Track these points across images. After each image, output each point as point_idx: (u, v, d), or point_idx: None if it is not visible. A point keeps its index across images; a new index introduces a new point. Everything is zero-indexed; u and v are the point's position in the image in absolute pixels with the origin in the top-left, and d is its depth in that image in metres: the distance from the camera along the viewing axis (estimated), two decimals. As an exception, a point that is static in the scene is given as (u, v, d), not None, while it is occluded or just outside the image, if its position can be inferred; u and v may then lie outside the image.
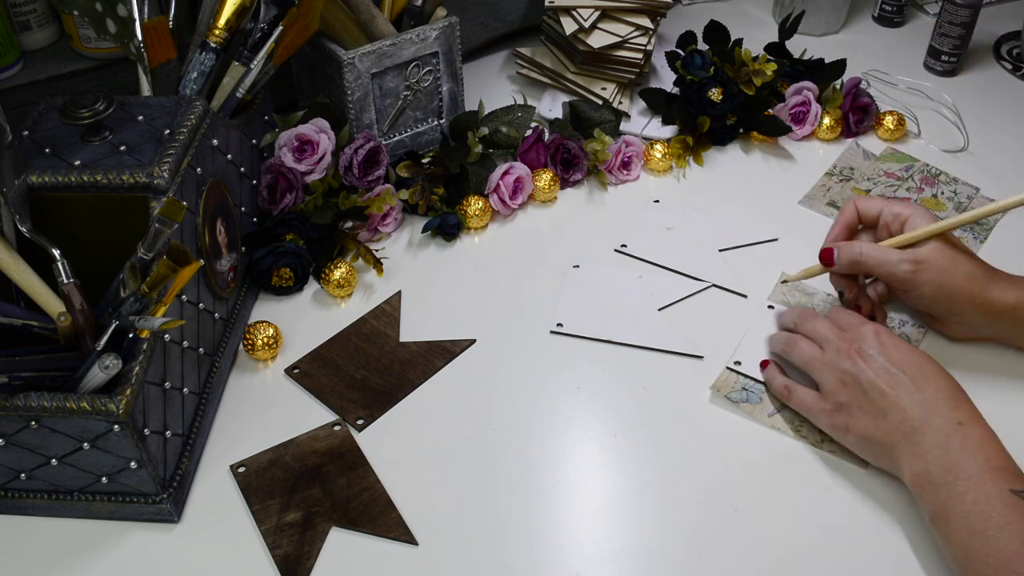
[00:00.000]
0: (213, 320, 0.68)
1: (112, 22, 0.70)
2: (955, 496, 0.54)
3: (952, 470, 0.55)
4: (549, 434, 0.66)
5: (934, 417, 0.58)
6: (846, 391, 0.62)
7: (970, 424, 0.57)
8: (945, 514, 0.55)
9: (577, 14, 0.94)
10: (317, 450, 0.65)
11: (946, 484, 0.55)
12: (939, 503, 0.55)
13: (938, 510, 0.55)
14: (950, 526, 0.54)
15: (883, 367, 0.60)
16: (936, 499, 0.56)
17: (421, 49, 0.84)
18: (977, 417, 0.58)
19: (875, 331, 0.63)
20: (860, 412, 0.61)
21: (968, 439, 0.56)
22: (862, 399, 0.61)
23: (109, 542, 0.59)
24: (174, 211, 0.54)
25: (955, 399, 0.59)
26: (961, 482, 0.54)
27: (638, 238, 0.83)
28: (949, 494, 0.55)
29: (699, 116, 0.92)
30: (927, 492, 0.57)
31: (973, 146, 0.95)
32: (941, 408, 0.58)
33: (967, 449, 0.56)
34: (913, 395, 0.59)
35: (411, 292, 0.78)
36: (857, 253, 0.68)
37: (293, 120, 0.81)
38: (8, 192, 0.57)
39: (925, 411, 0.58)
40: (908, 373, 0.60)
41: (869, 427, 0.60)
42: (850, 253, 0.68)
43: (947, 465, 0.56)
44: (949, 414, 0.58)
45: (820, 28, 1.14)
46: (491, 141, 0.89)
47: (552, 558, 0.58)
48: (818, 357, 0.64)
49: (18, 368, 0.54)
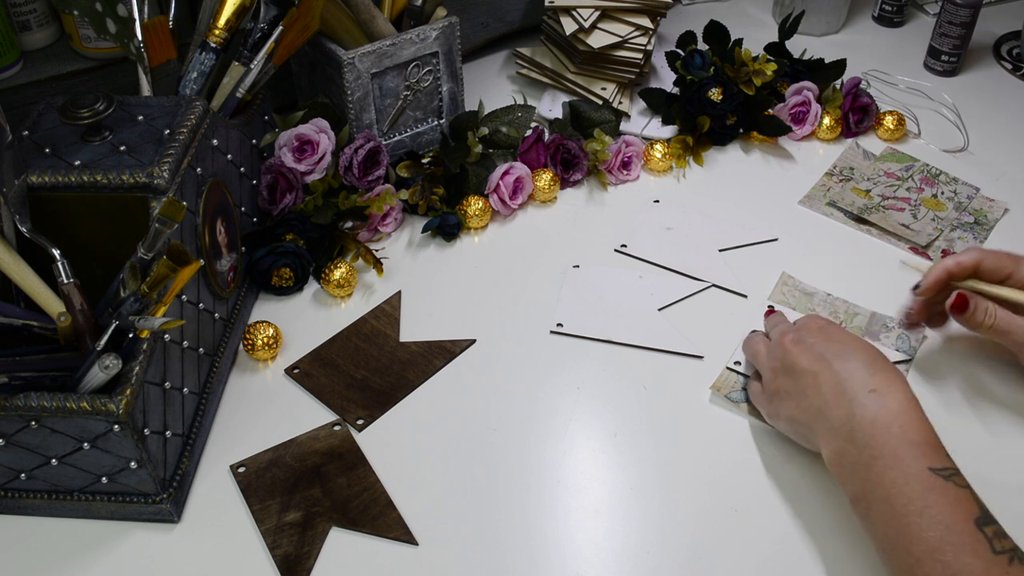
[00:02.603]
0: (213, 320, 0.68)
1: (112, 22, 0.70)
2: (873, 476, 0.52)
3: (868, 446, 0.53)
4: (549, 434, 0.66)
5: (848, 386, 0.55)
6: (778, 379, 0.61)
7: (885, 391, 0.54)
8: (865, 496, 0.52)
9: (577, 14, 0.94)
10: (317, 450, 0.65)
11: (863, 463, 0.53)
12: (857, 483, 0.53)
13: (857, 492, 0.53)
14: (871, 509, 0.52)
15: (810, 348, 0.59)
16: (854, 479, 0.53)
17: (421, 49, 0.84)
18: (894, 383, 0.55)
19: (819, 322, 0.62)
20: (788, 396, 0.60)
21: (883, 408, 0.53)
22: (791, 384, 0.60)
23: (109, 542, 0.59)
24: (174, 211, 0.54)
25: (873, 366, 0.56)
26: (878, 460, 0.52)
27: (638, 238, 0.83)
28: (867, 474, 0.52)
29: (699, 116, 0.92)
30: (844, 472, 0.54)
31: (973, 146, 0.95)
32: (857, 376, 0.56)
33: (881, 421, 0.53)
34: (831, 369, 0.57)
35: (411, 292, 0.78)
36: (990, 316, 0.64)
37: (293, 120, 0.81)
38: (8, 192, 0.57)
39: (839, 381, 0.56)
40: (832, 351, 0.58)
41: (792, 409, 0.59)
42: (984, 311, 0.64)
43: (862, 441, 0.53)
44: (864, 381, 0.55)
45: (820, 28, 1.14)
46: (491, 141, 0.89)
47: (552, 558, 0.58)
48: (762, 351, 0.64)
49: (18, 368, 0.54)
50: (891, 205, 0.86)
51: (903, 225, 0.84)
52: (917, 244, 0.82)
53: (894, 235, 0.83)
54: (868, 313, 0.75)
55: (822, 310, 0.75)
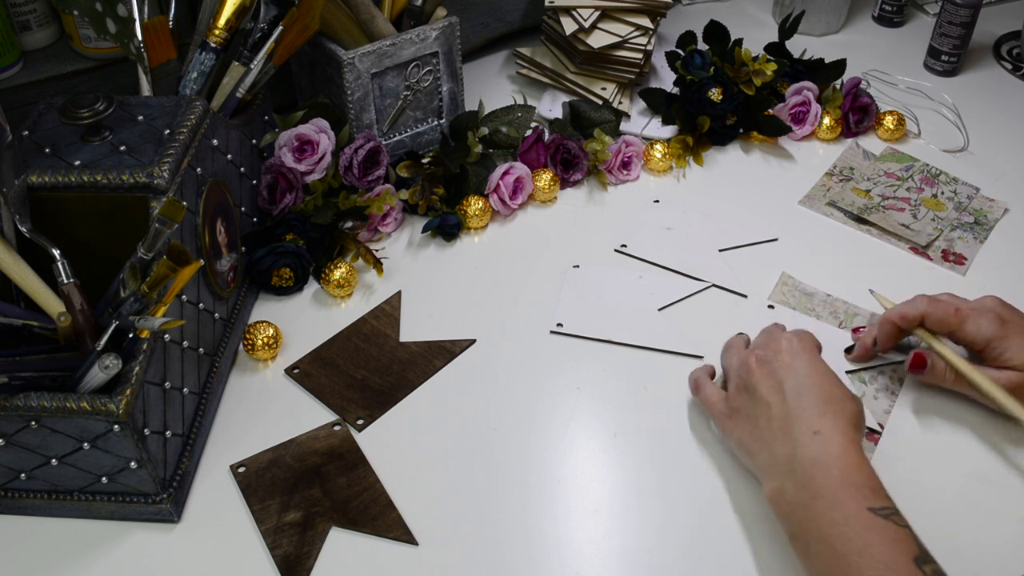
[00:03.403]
0: (213, 320, 0.68)
1: (112, 22, 0.70)
2: (812, 517, 0.51)
3: (807, 486, 0.52)
4: (549, 434, 0.66)
5: (795, 425, 0.55)
6: (739, 397, 0.61)
7: (829, 434, 0.54)
8: (804, 535, 0.52)
9: (577, 14, 0.94)
10: (317, 450, 0.65)
11: (802, 503, 0.52)
12: (796, 522, 0.53)
13: (796, 530, 0.53)
14: (810, 547, 0.51)
15: (772, 375, 0.58)
16: (793, 518, 0.53)
17: (421, 49, 0.84)
18: (840, 426, 0.54)
19: (790, 339, 0.61)
20: (745, 419, 0.59)
21: (824, 451, 0.53)
22: (750, 406, 0.59)
23: (109, 542, 0.59)
24: (174, 211, 0.54)
25: (823, 407, 0.55)
26: (818, 500, 0.51)
27: (638, 238, 0.83)
28: (806, 514, 0.52)
29: (699, 116, 0.92)
30: (783, 509, 0.54)
31: (973, 146, 0.95)
32: (805, 415, 0.55)
33: (822, 463, 0.53)
34: (784, 402, 0.57)
35: (411, 292, 0.78)
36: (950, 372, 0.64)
37: (293, 120, 0.81)
38: (8, 192, 0.57)
39: (788, 419, 0.56)
40: (791, 384, 0.57)
41: (744, 434, 0.59)
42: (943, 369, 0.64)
43: (802, 480, 0.53)
44: (811, 422, 0.55)
45: (820, 28, 1.14)
46: (491, 141, 0.89)
47: (552, 558, 0.58)
48: (734, 364, 0.63)
49: (18, 368, 0.54)
50: (891, 205, 0.86)
51: (903, 225, 0.84)
52: (917, 244, 0.82)
53: (894, 235, 0.83)
54: (868, 313, 0.75)
55: (822, 310, 0.75)
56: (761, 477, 0.58)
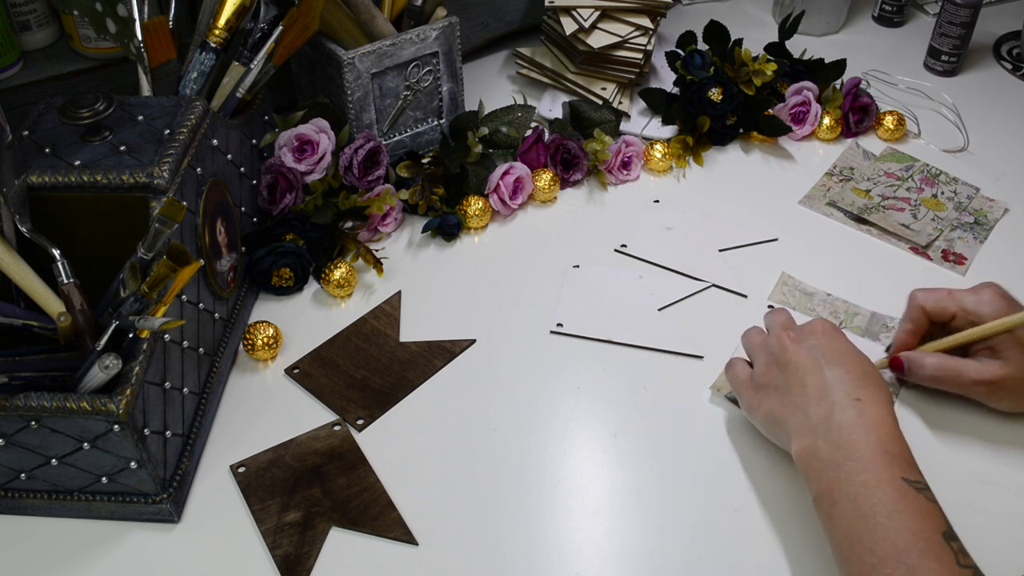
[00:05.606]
0: (213, 320, 0.68)
1: (112, 22, 0.70)
2: (843, 476, 0.52)
3: (842, 447, 0.53)
4: (549, 434, 0.66)
5: (833, 391, 0.56)
6: (769, 372, 0.61)
7: (869, 402, 0.54)
8: (831, 494, 0.52)
9: (577, 14, 0.94)
10: (317, 450, 0.65)
11: (834, 463, 0.53)
12: (825, 481, 0.53)
13: (824, 489, 0.53)
14: (836, 507, 0.52)
15: (808, 349, 0.59)
16: (822, 477, 0.53)
17: (421, 49, 0.84)
18: (880, 399, 0.55)
19: (823, 321, 0.62)
20: (774, 391, 0.60)
21: (863, 416, 0.54)
22: (780, 379, 0.60)
23: (109, 542, 0.59)
24: (174, 211, 0.54)
25: (863, 379, 0.56)
26: (851, 461, 0.52)
27: (638, 238, 0.83)
28: (837, 473, 0.52)
29: (699, 116, 0.92)
30: (813, 468, 0.54)
31: (973, 146, 0.95)
32: (844, 384, 0.56)
33: (860, 427, 0.53)
34: (821, 373, 0.57)
35: (411, 292, 0.78)
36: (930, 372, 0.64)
37: (293, 120, 0.81)
38: (8, 192, 0.57)
39: (826, 385, 0.56)
40: (828, 357, 0.58)
41: (774, 404, 0.59)
42: (920, 368, 0.65)
43: (837, 441, 0.53)
44: (850, 390, 0.55)
45: (820, 28, 1.14)
46: (491, 141, 0.89)
47: (552, 558, 0.58)
48: (759, 342, 0.64)
49: (18, 368, 0.54)
50: (891, 205, 0.86)
51: (903, 225, 0.84)
52: (917, 244, 0.82)
53: (894, 235, 0.83)
54: (868, 313, 0.75)
55: (822, 310, 0.75)
56: (791, 438, 0.57)
